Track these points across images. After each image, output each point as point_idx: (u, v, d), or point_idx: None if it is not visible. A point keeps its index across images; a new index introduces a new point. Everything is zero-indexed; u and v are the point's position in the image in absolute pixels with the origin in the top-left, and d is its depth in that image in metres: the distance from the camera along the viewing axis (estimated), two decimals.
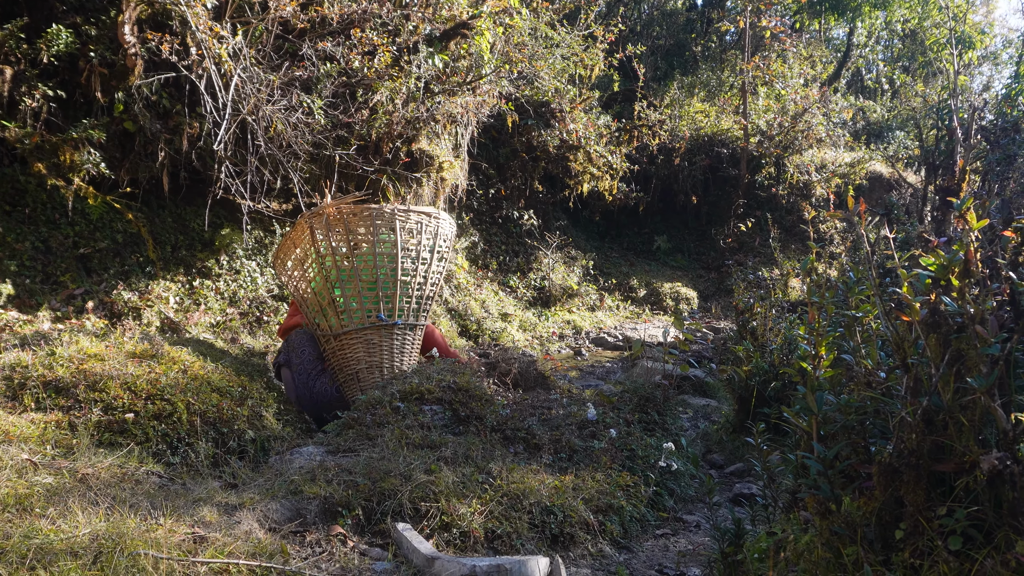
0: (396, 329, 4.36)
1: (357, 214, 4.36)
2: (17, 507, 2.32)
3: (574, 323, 9.56)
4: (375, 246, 4.34)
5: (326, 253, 4.33)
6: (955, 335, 1.76)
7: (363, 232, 4.37)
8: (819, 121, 12.74)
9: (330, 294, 4.35)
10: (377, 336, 4.32)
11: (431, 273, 4.54)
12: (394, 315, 4.34)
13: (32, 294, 4.99)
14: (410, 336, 4.44)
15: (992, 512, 1.68)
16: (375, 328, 4.32)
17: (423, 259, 4.49)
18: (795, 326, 4.51)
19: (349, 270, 4.34)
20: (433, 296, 4.61)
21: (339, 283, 4.34)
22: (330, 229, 4.32)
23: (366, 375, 4.26)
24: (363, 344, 4.30)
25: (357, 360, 4.29)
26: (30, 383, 3.21)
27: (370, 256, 4.35)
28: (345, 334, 4.32)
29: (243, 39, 5.56)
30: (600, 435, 3.71)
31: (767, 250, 11.70)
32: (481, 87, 7.92)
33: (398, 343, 4.36)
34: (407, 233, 4.45)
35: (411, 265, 4.45)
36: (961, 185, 6.25)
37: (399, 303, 4.39)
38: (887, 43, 20.62)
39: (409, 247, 4.45)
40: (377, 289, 4.36)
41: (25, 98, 4.96)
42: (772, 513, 2.55)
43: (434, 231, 4.55)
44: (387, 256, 4.38)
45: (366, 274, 4.34)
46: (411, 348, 4.43)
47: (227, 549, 2.28)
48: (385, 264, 4.38)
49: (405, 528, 2.63)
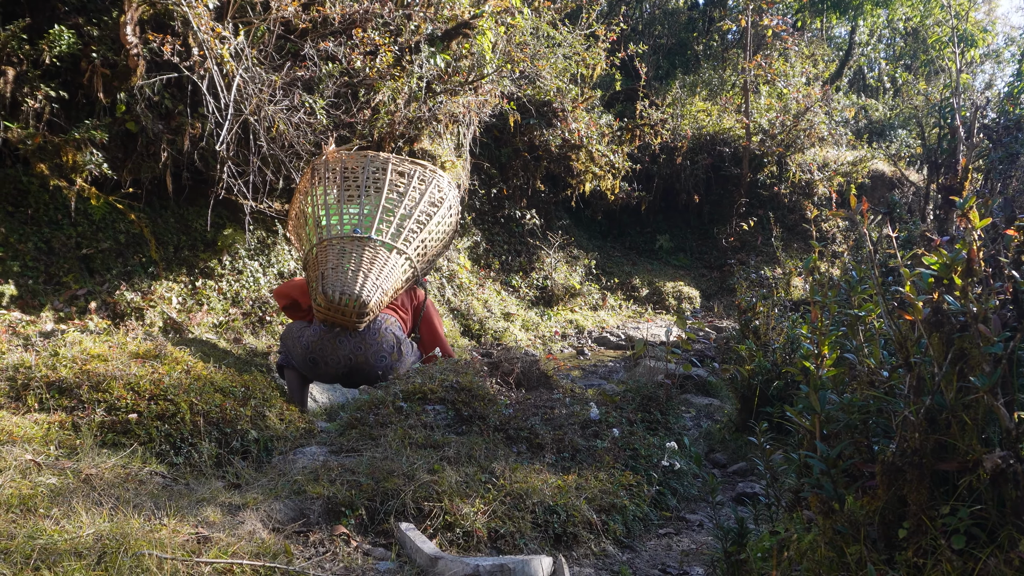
0: (369, 243, 4.38)
1: (355, 158, 4.76)
2: (21, 507, 2.32)
3: (576, 322, 9.56)
4: (365, 181, 4.65)
5: (319, 185, 4.67)
6: (958, 334, 1.75)
7: (357, 171, 4.74)
8: (821, 120, 12.72)
9: (316, 215, 4.56)
10: (350, 246, 4.38)
11: (417, 211, 4.65)
12: (370, 231, 4.39)
13: (35, 295, 5.00)
14: (384, 255, 4.41)
15: (995, 511, 1.68)
16: (350, 239, 4.40)
17: (411, 196, 4.61)
18: (798, 325, 4.50)
19: (337, 197, 4.65)
20: (419, 234, 4.66)
21: (326, 208, 4.61)
22: (327, 169, 4.71)
23: (331, 274, 4.25)
24: (336, 252, 4.38)
25: (326, 262, 4.33)
26: (33, 384, 3.21)
27: (358, 187, 4.65)
28: (320, 243, 4.41)
29: (245, 39, 5.57)
30: (603, 434, 3.71)
31: (769, 249, 11.68)
32: (483, 87, 7.92)
33: (369, 255, 4.37)
34: (397, 174, 4.71)
35: (397, 197, 4.66)
36: (963, 184, 6.25)
37: (377, 223, 4.49)
38: (889, 41, 20.60)
39: (399, 184, 4.70)
40: (359, 209, 4.55)
41: (27, 99, 4.97)
42: (775, 512, 2.55)
43: (425, 178, 4.78)
44: (374, 188, 4.64)
45: (352, 199, 4.65)
46: (389, 271, 4.39)
47: (231, 549, 2.29)
48: (371, 194, 4.63)
49: (408, 528, 2.63)
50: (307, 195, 4.78)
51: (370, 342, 4.34)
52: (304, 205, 4.79)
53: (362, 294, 4.16)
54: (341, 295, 4.13)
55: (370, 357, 4.31)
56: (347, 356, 4.30)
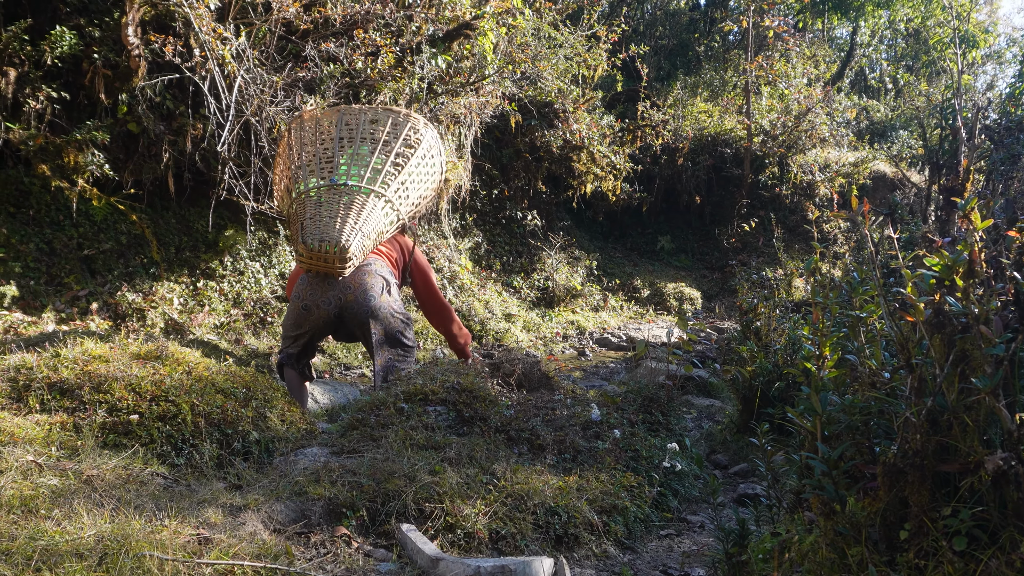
0: (345, 189, 4.42)
1: (328, 114, 4.76)
2: (22, 508, 2.32)
3: (578, 323, 9.56)
4: (339, 133, 4.67)
5: (295, 143, 4.69)
6: (959, 335, 1.75)
7: (329, 125, 4.74)
8: (823, 121, 12.71)
9: (294, 174, 4.60)
10: (327, 195, 4.41)
11: (392, 155, 4.66)
12: (344, 178, 4.42)
13: (36, 296, 5.01)
14: (362, 199, 4.45)
15: (997, 512, 1.68)
16: (326, 188, 4.44)
17: (385, 142, 4.65)
18: (799, 326, 4.50)
19: (313, 152, 4.64)
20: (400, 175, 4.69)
21: (302, 164, 4.62)
22: (302, 127, 4.73)
23: (309, 224, 4.30)
24: (313, 203, 4.42)
25: (304, 214, 4.37)
26: (35, 385, 3.22)
27: (331, 139, 4.67)
28: (297, 197, 4.46)
29: (246, 40, 5.57)
30: (604, 436, 3.71)
31: (771, 250, 11.67)
32: (484, 88, 7.93)
33: (346, 201, 4.40)
34: (370, 123, 4.70)
35: (371, 143, 4.66)
36: (965, 185, 6.24)
37: (351, 170, 4.52)
38: (890, 42, 20.57)
39: (370, 132, 4.70)
40: (334, 160, 4.58)
41: (29, 100, 4.98)
42: (776, 513, 2.55)
43: (399, 121, 4.78)
44: (347, 139, 4.66)
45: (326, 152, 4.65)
46: (368, 215, 4.43)
47: (232, 550, 2.29)
48: (345, 145, 4.65)
49: (409, 529, 2.63)
50: (287, 158, 4.81)
51: (359, 281, 4.41)
52: (284, 168, 4.84)
53: (341, 238, 4.20)
54: (321, 242, 4.18)
55: (359, 296, 4.35)
56: (336, 296, 4.35)
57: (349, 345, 6.42)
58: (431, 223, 8.76)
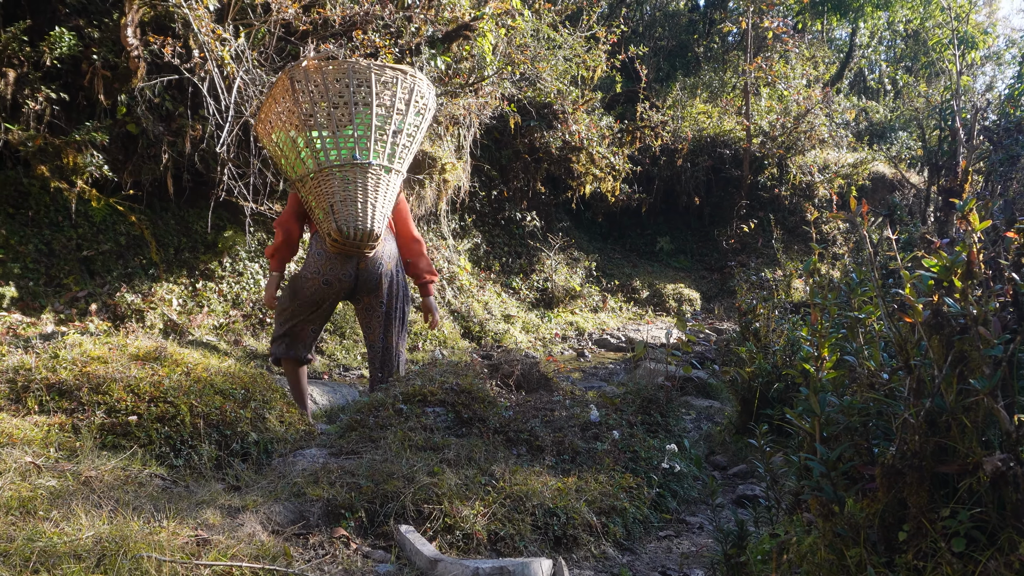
0: (371, 169, 4.43)
1: (335, 67, 4.55)
2: (21, 510, 2.32)
3: (577, 324, 9.56)
4: (351, 95, 4.52)
5: (304, 100, 4.48)
6: (958, 336, 1.75)
7: (340, 84, 4.55)
8: (822, 122, 12.72)
9: (308, 135, 4.48)
10: (352, 174, 4.40)
11: (406, 124, 4.61)
12: (368, 156, 4.42)
13: (35, 296, 5.00)
14: (385, 178, 4.49)
15: (995, 514, 1.68)
16: (351, 166, 4.41)
17: (398, 109, 4.58)
18: (798, 327, 4.50)
19: (326, 115, 4.50)
20: (409, 148, 4.66)
21: (317, 127, 4.49)
22: (308, 80, 4.50)
23: (340, 207, 4.32)
24: (340, 180, 4.39)
25: (332, 194, 4.37)
26: (33, 386, 3.21)
27: (345, 103, 4.51)
28: (321, 171, 4.40)
29: (245, 41, 5.57)
30: (603, 437, 3.71)
31: (770, 251, 11.68)
32: (483, 89, 7.93)
33: (372, 182, 4.42)
34: (381, 85, 4.58)
35: (385, 113, 4.57)
36: (964, 186, 6.25)
37: (373, 145, 4.48)
38: (889, 44, 20.59)
39: (383, 97, 4.58)
40: (352, 131, 4.48)
41: (28, 101, 4.97)
42: (775, 515, 2.54)
43: (410, 87, 4.67)
44: (362, 104, 4.52)
45: (342, 119, 4.50)
46: (386, 191, 4.48)
47: (230, 552, 2.29)
48: (360, 109, 4.52)
49: (408, 530, 2.63)
50: (291, 112, 4.60)
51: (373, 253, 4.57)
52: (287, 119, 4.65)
53: (373, 227, 4.31)
54: (355, 231, 4.26)
55: (370, 265, 4.50)
56: (354, 267, 4.50)
57: (348, 346, 6.42)
58: (430, 224, 8.76)
